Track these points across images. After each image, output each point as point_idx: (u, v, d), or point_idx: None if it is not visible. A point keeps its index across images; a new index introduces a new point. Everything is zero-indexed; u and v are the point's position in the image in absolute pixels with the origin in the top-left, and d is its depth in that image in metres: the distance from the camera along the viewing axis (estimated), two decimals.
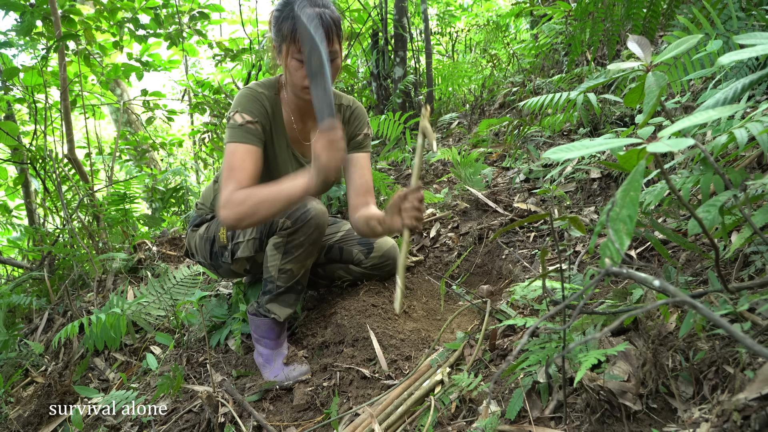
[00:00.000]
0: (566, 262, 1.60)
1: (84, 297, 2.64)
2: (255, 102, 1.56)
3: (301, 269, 1.64)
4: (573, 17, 2.85)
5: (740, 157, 1.50)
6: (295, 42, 1.42)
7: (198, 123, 5.68)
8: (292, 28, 1.41)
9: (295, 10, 1.37)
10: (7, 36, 3.42)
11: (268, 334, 1.70)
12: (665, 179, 0.77)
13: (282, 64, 1.53)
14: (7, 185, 4.30)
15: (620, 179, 2.02)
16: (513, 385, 1.18)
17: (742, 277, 1.15)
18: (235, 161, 1.47)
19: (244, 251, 1.68)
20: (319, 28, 1.32)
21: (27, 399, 1.91)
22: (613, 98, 1.88)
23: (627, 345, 1.01)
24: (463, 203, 2.39)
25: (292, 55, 1.46)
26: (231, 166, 1.47)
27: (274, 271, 1.62)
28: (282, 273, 1.62)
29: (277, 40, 1.49)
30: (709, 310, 0.54)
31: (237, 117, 1.53)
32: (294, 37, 1.42)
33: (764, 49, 0.73)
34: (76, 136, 4.11)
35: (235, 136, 1.50)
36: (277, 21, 1.46)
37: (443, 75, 4.40)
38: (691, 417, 0.90)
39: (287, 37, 1.43)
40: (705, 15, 1.73)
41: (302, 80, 1.50)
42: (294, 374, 1.61)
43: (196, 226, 1.85)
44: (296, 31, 1.40)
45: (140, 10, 3.96)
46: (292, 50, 1.45)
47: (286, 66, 1.50)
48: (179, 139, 5.45)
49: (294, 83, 1.53)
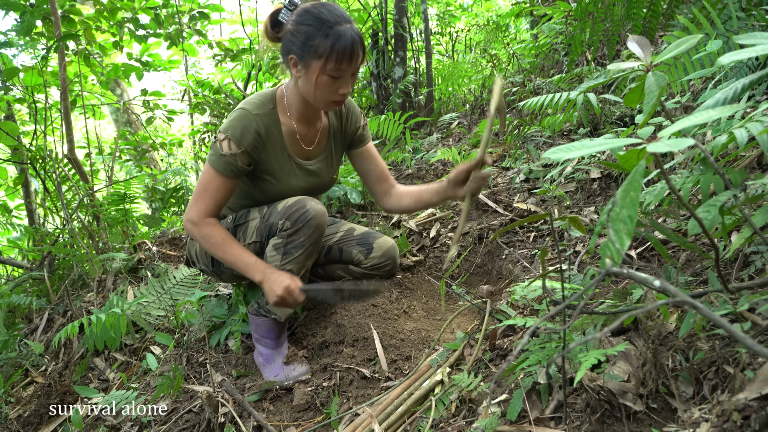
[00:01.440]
0: (566, 262, 1.60)
1: (84, 297, 2.64)
2: (246, 132, 1.55)
3: (301, 270, 1.64)
4: (573, 17, 2.85)
5: (740, 157, 1.50)
6: (336, 61, 1.43)
7: (198, 123, 5.68)
8: (330, 47, 1.42)
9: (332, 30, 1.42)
10: (7, 36, 3.42)
11: (269, 333, 1.70)
12: (665, 179, 0.77)
13: (300, 76, 1.52)
14: (7, 185, 4.31)
15: (620, 179, 2.02)
16: (513, 386, 1.18)
17: (742, 277, 1.15)
18: (209, 186, 1.59)
19: None
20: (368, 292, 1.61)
21: (27, 399, 1.91)
22: (613, 98, 1.88)
23: (627, 345, 1.01)
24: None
25: (327, 72, 1.46)
26: (205, 188, 1.59)
27: None
28: None
29: (302, 52, 1.46)
30: (709, 310, 0.54)
31: (225, 145, 1.55)
32: (333, 56, 1.43)
33: (764, 49, 0.73)
34: (76, 136, 4.12)
35: (217, 164, 1.57)
36: (308, 37, 1.44)
37: (443, 75, 4.40)
38: (691, 417, 0.90)
39: (323, 55, 1.43)
40: (705, 15, 1.73)
41: (332, 95, 1.51)
42: (294, 374, 1.61)
43: None
44: (337, 50, 1.42)
45: (140, 10, 3.96)
46: (329, 68, 1.45)
47: (314, 81, 1.49)
48: (179, 139, 5.46)
49: (322, 98, 1.53)
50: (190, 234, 1.62)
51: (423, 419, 1.24)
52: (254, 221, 1.66)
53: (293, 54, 1.49)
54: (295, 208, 1.57)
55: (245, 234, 1.67)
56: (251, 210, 1.69)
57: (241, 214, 1.70)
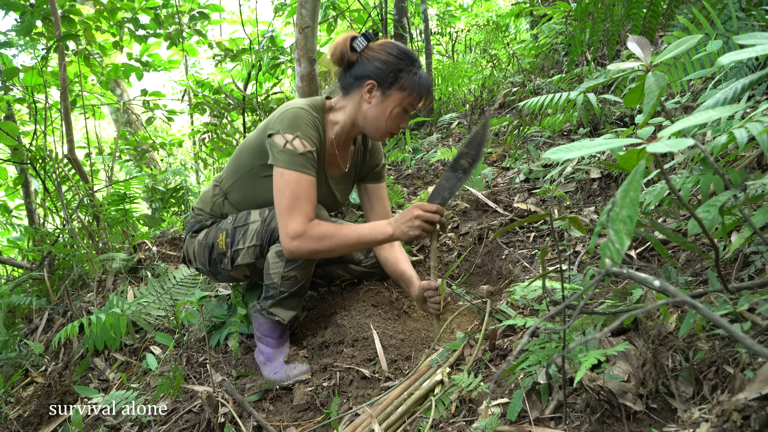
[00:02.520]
0: (566, 262, 1.60)
1: (84, 297, 2.64)
2: (313, 129, 1.57)
3: (305, 275, 1.64)
4: (573, 17, 2.85)
5: (740, 157, 1.50)
6: (416, 97, 1.56)
7: (198, 123, 5.68)
8: (416, 84, 1.55)
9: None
10: (7, 36, 3.42)
11: (271, 333, 1.69)
12: (665, 179, 0.77)
13: (372, 101, 1.58)
14: (7, 185, 4.31)
15: (620, 179, 2.02)
16: (513, 386, 1.18)
17: (742, 277, 1.15)
18: (300, 191, 1.49)
19: (244, 258, 1.67)
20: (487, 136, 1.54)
21: (27, 399, 1.91)
22: (613, 98, 1.88)
23: (627, 345, 1.01)
24: (463, 203, 2.39)
25: (403, 105, 1.56)
26: (296, 195, 1.48)
27: (277, 278, 1.61)
28: (286, 280, 1.62)
29: (386, 81, 1.55)
30: (709, 310, 0.54)
31: (297, 144, 1.51)
32: (417, 92, 1.55)
33: (764, 49, 0.73)
34: (76, 136, 4.12)
35: (297, 165, 1.50)
36: (396, 69, 1.54)
37: (443, 75, 4.40)
38: (691, 417, 0.90)
39: (407, 88, 1.54)
40: (705, 15, 1.73)
41: (395, 127, 1.60)
42: (294, 373, 1.61)
43: (195, 233, 1.82)
44: (421, 88, 1.56)
45: (140, 10, 3.96)
46: (407, 102, 1.56)
47: (389, 110, 1.57)
48: (179, 139, 5.46)
49: (386, 128, 1.60)
50: (298, 255, 1.50)
51: (423, 419, 1.24)
52: (255, 224, 1.65)
53: (373, 80, 1.55)
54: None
55: (245, 236, 1.66)
56: (251, 212, 1.68)
57: (241, 215, 1.69)
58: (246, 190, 1.72)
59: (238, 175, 1.72)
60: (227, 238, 1.70)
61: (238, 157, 1.74)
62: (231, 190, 1.75)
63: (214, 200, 1.79)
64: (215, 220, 1.79)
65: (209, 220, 1.80)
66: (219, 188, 1.79)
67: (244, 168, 1.70)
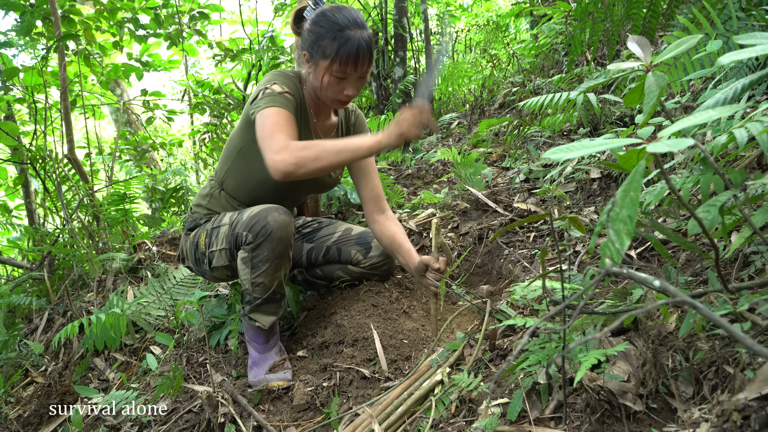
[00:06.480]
0: (566, 262, 1.60)
1: (84, 297, 2.64)
2: (290, 81, 1.61)
3: (274, 281, 1.60)
4: (573, 17, 2.85)
5: (740, 157, 1.50)
6: (340, 63, 1.50)
7: (198, 123, 5.68)
8: (336, 50, 1.49)
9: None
10: (7, 36, 3.42)
11: (256, 338, 1.68)
12: (665, 179, 0.77)
13: (311, 72, 1.59)
14: (7, 185, 4.31)
15: (620, 179, 2.02)
16: (513, 386, 1.18)
17: (742, 277, 1.15)
18: (280, 119, 1.47)
19: (219, 260, 1.67)
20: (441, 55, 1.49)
21: (27, 399, 1.91)
22: (613, 98, 1.88)
23: (627, 345, 1.01)
24: (463, 203, 2.39)
25: (331, 73, 1.53)
26: (276, 122, 1.46)
27: (248, 284, 1.60)
28: (255, 286, 1.59)
29: (312, 51, 1.54)
30: (709, 310, 0.54)
31: (275, 87, 1.55)
32: (338, 59, 1.49)
33: (764, 49, 0.73)
34: (76, 136, 4.11)
35: (276, 102, 1.50)
36: (319, 37, 1.51)
37: (443, 75, 4.40)
38: (691, 417, 0.90)
39: (329, 56, 1.50)
40: (705, 15, 1.73)
41: (337, 94, 1.57)
42: (271, 377, 1.61)
43: (190, 230, 1.82)
44: (341, 54, 1.49)
45: (140, 10, 3.96)
46: (334, 69, 1.52)
47: (320, 79, 1.55)
48: (179, 139, 5.46)
49: (327, 96, 1.58)
50: (285, 168, 1.39)
51: (423, 419, 1.24)
52: (224, 227, 1.64)
53: (305, 51, 1.56)
54: (256, 221, 1.53)
55: (217, 239, 1.66)
56: (225, 214, 1.68)
57: (217, 218, 1.70)
58: (240, 172, 1.71)
59: (230, 160, 1.73)
60: (206, 239, 1.70)
61: (227, 145, 1.77)
62: (226, 178, 1.75)
63: (211, 192, 1.79)
64: (210, 217, 1.79)
65: (204, 217, 1.80)
66: (214, 181, 1.80)
67: (235, 150, 1.72)
